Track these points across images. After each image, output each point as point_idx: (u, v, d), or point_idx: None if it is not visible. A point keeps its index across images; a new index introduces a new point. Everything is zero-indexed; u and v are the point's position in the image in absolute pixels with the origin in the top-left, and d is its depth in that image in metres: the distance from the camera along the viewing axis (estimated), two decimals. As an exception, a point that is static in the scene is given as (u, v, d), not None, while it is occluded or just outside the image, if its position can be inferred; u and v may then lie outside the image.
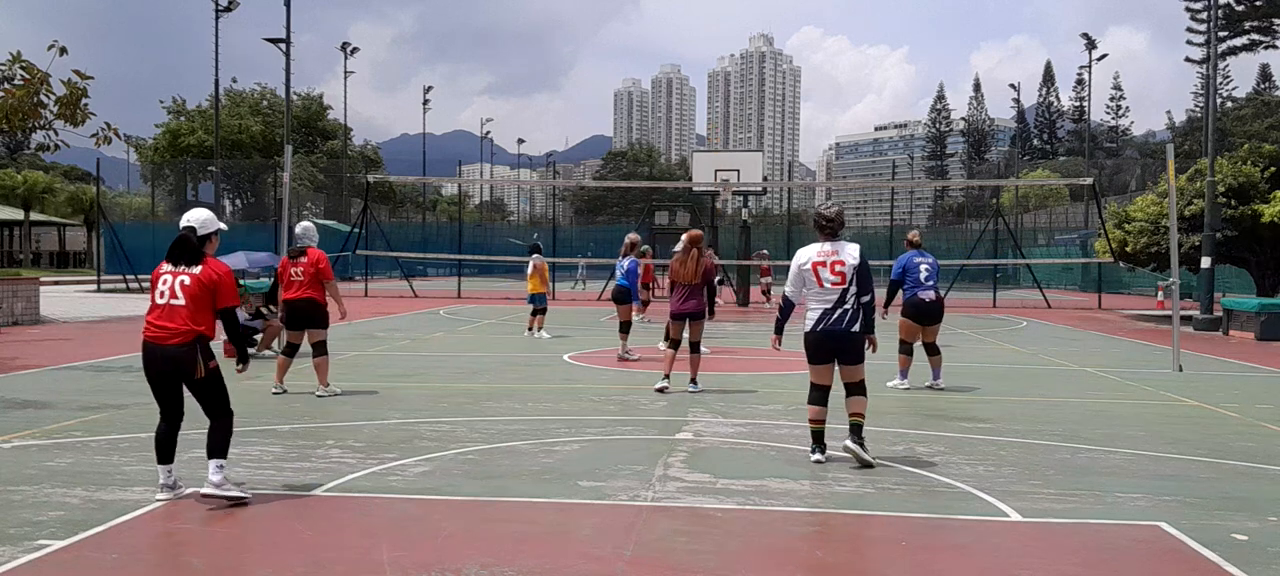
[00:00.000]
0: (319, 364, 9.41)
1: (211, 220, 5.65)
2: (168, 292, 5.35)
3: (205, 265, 5.41)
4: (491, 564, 4.39)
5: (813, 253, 6.66)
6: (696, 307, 9.97)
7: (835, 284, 6.52)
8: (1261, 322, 18.03)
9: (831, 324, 6.53)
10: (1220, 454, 7.15)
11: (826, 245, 6.64)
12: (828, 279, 6.54)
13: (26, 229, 59.63)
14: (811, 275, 6.61)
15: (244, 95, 65.72)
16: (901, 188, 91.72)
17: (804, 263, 6.66)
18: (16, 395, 9.31)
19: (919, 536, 5.01)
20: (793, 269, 6.78)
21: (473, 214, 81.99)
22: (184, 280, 5.35)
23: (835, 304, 6.53)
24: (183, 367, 5.32)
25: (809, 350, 6.69)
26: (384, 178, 44.21)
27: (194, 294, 5.33)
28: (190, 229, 5.48)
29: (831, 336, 6.56)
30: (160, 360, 5.33)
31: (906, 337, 10.69)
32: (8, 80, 14.34)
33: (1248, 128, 59.26)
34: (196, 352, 5.32)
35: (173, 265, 5.41)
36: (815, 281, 6.59)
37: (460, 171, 59.30)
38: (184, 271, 5.37)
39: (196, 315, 5.32)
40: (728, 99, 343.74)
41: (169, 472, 5.46)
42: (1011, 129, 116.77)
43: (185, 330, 5.30)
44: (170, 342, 5.29)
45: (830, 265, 6.55)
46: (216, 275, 5.40)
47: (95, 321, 19.55)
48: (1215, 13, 26.21)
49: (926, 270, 10.60)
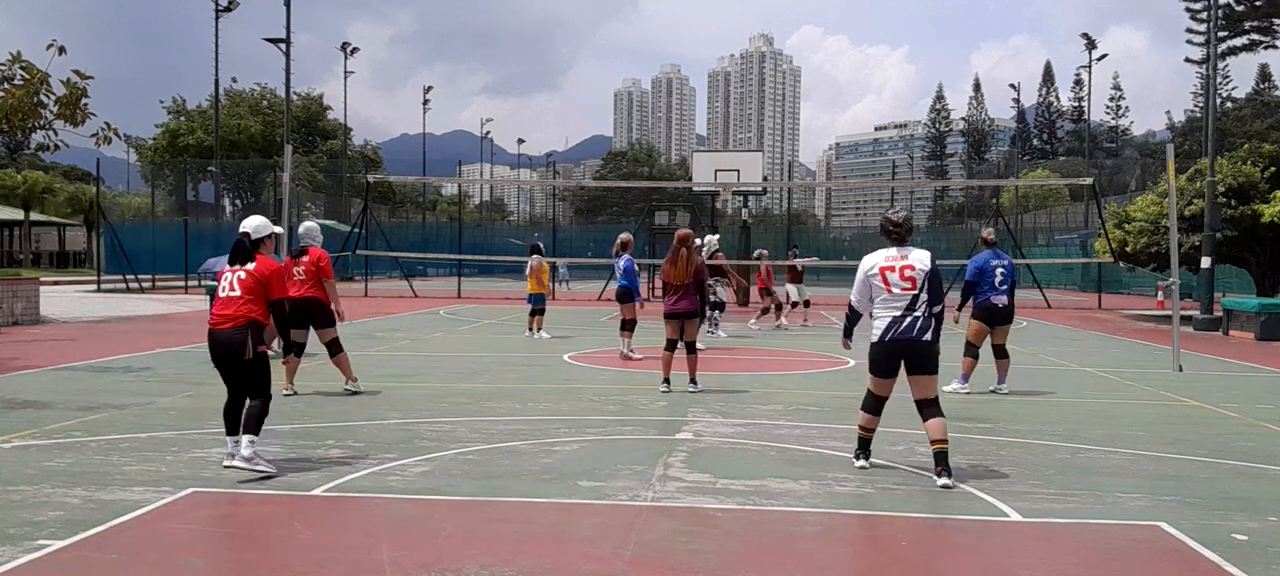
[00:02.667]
0: (340, 361, 9.66)
1: (264, 225, 6.47)
2: (226, 287, 6.16)
3: (261, 262, 6.21)
4: (491, 564, 4.39)
5: (880, 258, 6.34)
6: (689, 307, 9.95)
7: (905, 289, 6.17)
8: (1261, 323, 18.03)
9: (902, 332, 6.16)
10: (1220, 454, 7.14)
11: (894, 250, 6.35)
12: (897, 284, 6.19)
13: (26, 229, 59.61)
14: (880, 280, 6.26)
15: (244, 95, 65.74)
16: (901, 188, 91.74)
17: (871, 268, 6.32)
18: (16, 395, 9.30)
19: (919, 536, 5.01)
20: (859, 276, 6.42)
21: (473, 214, 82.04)
22: (241, 275, 6.16)
23: (905, 310, 6.17)
24: (235, 348, 6.02)
25: (875, 361, 6.31)
26: (384, 178, 44.21)
27: (248, 286, 6.11)
28: (245, 234, 6.30)
29: (902, 344, 6.14)
30: (218, 343, 6.08)
31: (975, 340, 10.29)
32: (8, 80, 14.32)
33: (1248, 128, 59.28)
34: (247, 336, 6.03)
35: (230, 266, 6.23)
36: (883, 286, 6.23)
37: (460, 171, 59.32)
38: (242, 268, 6.18)
39: (250, 304, 6.08)
40: (728, 99, 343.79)
41: (236, 443, 6.02)
42: (1011, 129, 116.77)
43: (239, 315, 6.05)
44: (226, 327, 6.05)
45: (899, 270, 6.21)
46: (268, 270, 6.18)
47: (95, 321, 19.55)
48: (1215, 13, 26.22)
49: (1002, 274, 10.21)
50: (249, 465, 5.89)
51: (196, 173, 59.91)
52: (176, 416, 8.16)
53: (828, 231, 76.26)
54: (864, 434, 6.52)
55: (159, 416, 8.16)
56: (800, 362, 13.18)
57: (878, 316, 6.28)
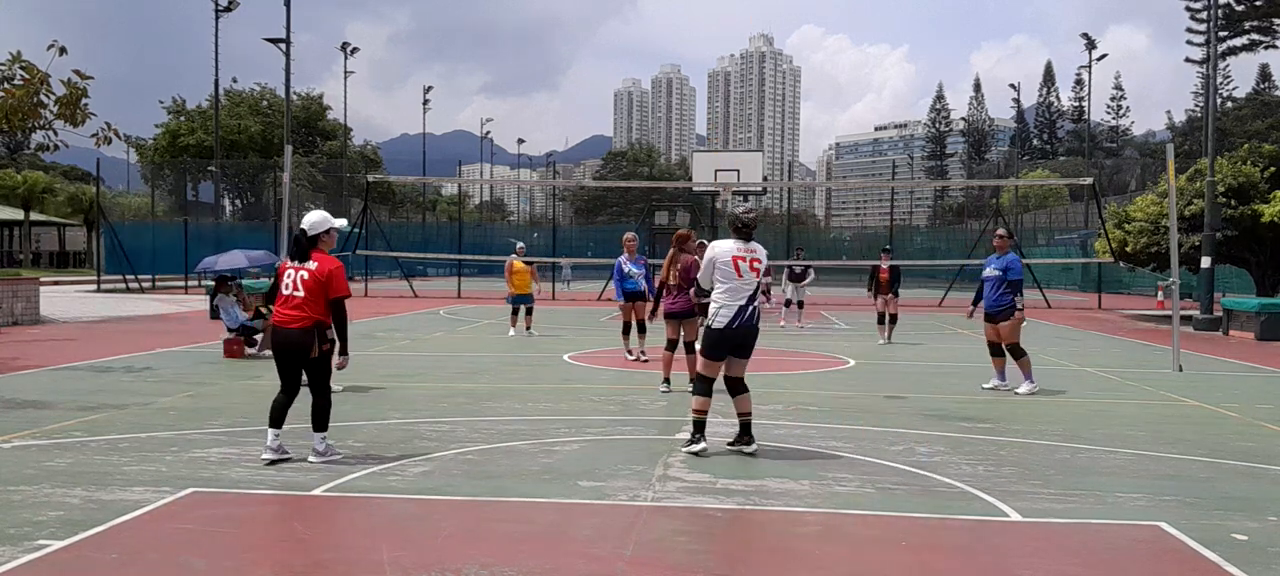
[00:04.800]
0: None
1: (322, 221, 6.46)
2: (290, 286, 6.29)
3: (320, 262, 6.30)
4: (491, 564, 4.39)
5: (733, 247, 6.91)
6: (685, 307, 9.96)
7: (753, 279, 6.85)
8: (1261, 323, 18.03)
9: (747, 320, 6.84)
10: (1220, 454, 7.14)
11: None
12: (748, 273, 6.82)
13: (26, 229, 59.62)
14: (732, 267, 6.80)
15: (244, 95, 65.73)
16: (901, 188, 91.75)
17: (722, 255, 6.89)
18: (16, 395, 9.30)
19: (919, 536, 5.01)
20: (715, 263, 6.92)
21: (473, 214, 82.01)
22: (303, 275, 6.27)
23: (748, 299, 6.81)
24: (301, 347, 6.24)
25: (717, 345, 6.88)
26: (384, 178, 44.21)
27: (310, 286, 6.24)
28: (302, 231, 6.36)
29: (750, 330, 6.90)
30: (286, 341, 6.27)
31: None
32: (8, 80, 14.31)
33: (1248, 128, 59.28)
34: (314, 337, 6.23)
35: (293, 262, 6.36)
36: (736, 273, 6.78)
37: (460, 171, 59.32)
38: (303, 267, 6.29)
39: (314, 304, 6.24)
40: (728, 99, 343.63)
41: (275, 437, 6.31)
42: (1011, 129, 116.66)
43: (305, 315, 6.23)
44: (293, 326, 6.23)
45: (749, 261, 6.88)
46: (328, 269, 6.28)
47: (95, 321, 19.55)
48: (1215, 13, 26.21)
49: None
50: (324, 459, 6.30)
51: (196, 173, 59.85)
52: (176, 416, 8.16)
53: (827, 231, 76.30)
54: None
55: (159, 416, 8.16)
56: (800, 362, 13.18)
57: (729, 304, 6.77)
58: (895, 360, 13.59)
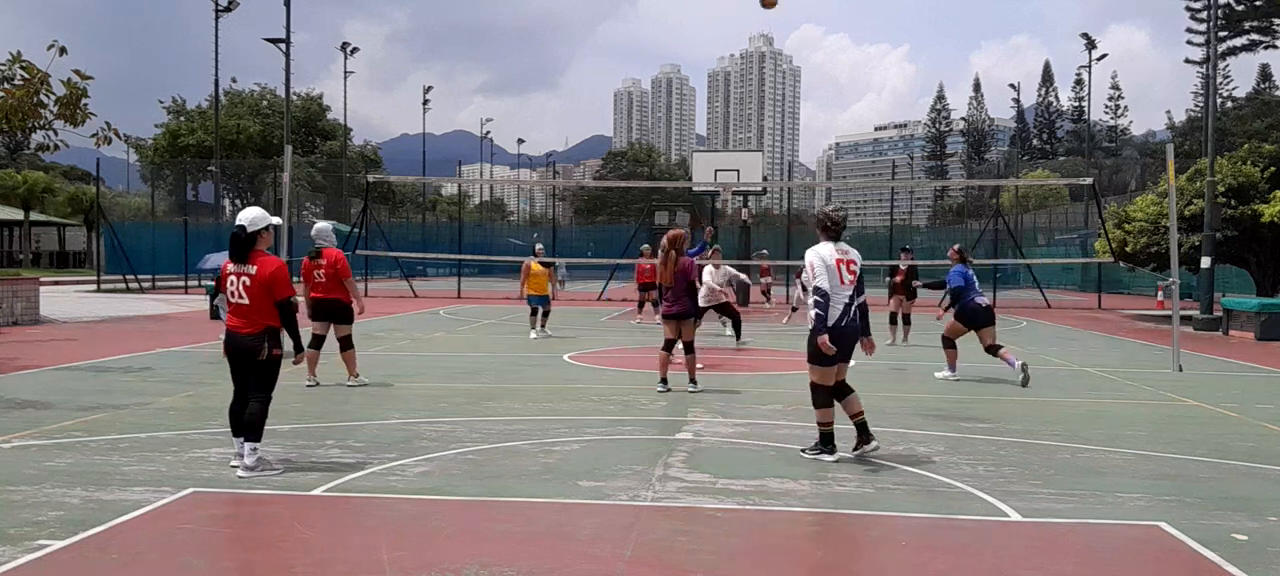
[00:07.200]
0: (347, 357, 10.17)
1: (259, 217, 6.24)
2: (234, 292, 6.14)
3: (261, 264, 6.11)
4: (491, 564, 4.39)
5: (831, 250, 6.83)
6: (684, 308, 9.97)
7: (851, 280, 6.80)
8: (1261, 323, 18.03)
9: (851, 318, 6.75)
10: (1220, 454, 7.15)
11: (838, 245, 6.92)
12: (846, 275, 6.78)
13: (26, 229, 59.62)
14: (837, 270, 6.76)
15: (243, 95, 65.73)
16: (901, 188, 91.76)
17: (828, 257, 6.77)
18: (16, 395, 9.30)
19: (919, 536, 5.01)
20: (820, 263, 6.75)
21: (473, 214, 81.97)
22: (246, 281, 6.11)
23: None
24: (250, 350, 6.13)
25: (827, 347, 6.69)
26: (384, 178, 44.21)
27: (255, 293, 6.10)
28: (241, 227, 6.17)
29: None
30: (235, 344, 6.17)
31: (953, 336, 11.69)
32: (8, 80, 14.31)
33: (1248, 127, 59.19)
34: (263, 340, 6.11)
35: (234, 264, 6.17)
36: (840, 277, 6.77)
37: (460, 171, 59.35)
38: (244, 272, 6.12)
39: (261, 310, 6.11)
40: (727, 99, 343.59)
41: (241, 443, 6.11)
42: (1011, 129, 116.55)
43: (254, 324, 6.11)
44: (243, 332, 6.12)
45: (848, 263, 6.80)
46: (269, 271, 6.11)
47: (95, 321, 19.55)
48: (1215, 13, 26.20)
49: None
50: (254, 473, 5.98)
51: (196, 173, 59.87)
52: (176, 416, 8.16)
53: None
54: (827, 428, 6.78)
55: (159, 416, 8.16)
56: (800, 363, 13.15)
57: (834, 303, 6.57)
58: (895, 360, 13.59)
